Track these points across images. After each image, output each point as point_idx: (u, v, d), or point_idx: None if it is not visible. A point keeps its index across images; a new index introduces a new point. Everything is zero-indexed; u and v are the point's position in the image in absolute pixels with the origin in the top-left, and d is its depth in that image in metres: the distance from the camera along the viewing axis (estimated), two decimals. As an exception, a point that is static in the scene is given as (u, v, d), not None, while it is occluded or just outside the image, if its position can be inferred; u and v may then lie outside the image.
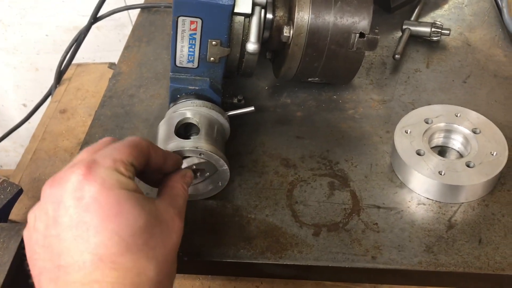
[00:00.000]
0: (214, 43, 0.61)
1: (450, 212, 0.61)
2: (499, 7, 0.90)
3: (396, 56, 0.80)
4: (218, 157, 0.57)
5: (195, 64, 0.63)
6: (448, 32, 0.83)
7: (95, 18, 0.95)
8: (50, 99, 0.99)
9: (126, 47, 0.89)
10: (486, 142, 0.63)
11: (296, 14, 0.64)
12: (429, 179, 0.60)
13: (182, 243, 0.53)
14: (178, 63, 0.63)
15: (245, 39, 0.63)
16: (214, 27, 0.60)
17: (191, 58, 0.63)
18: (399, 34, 0.85)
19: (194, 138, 0.58)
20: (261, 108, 0.75)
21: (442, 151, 0.67)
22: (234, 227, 0.61)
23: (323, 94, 0.77)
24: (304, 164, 0.67)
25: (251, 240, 0.59)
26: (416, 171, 0.61)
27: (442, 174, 0.60)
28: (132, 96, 0.79)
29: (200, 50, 0.62)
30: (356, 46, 0.66)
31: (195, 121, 0.60)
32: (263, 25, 0.64)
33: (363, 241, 0.58)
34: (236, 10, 0.60)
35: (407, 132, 0.65)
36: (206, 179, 0.60)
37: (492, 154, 0.62)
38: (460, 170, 0.60)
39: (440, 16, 0.90)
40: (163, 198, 0.51)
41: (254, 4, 0.61)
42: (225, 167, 0.59)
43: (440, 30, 0.82)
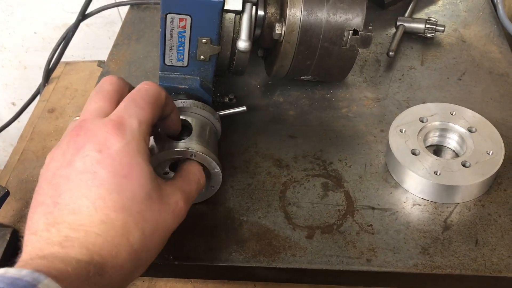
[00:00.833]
0: (204, 41, 0.60)
1: (446, 212, 0.60)
2: (494, 3, 0.89)
3: (390, 53, 0.78)
4: (211, 159, 0.56)
5: (185, 63, 0.62)
6: (442, 28, 0.81)
7: (83, 15, 0.93)
8: (38, 98, 0.98)
9: (115, 45, 0.87)
10: (482, 141, 0.62)
11: (288, 11, 0.63)
12: (424, 179, 0.59)
13: (172, 246, 0.52)
14: (167, 62, 0.62)
15: (236, 37, 0.61)
16: (204, 25, 0.59)
17: (180, 56, 0.61)
18: (393, 30, 0.84)
19: (186, 139, 0.56)
20: (253, 107, 0.73)
21: (437, 150, 0.66)
22: (225, 230, 0.59)
23: (316, 92, 0.76)
24: (297, 164, 0.66)
25: (243, 243, 0.58)
26: (411, 171, 0.60)
27: (438, 174, 0.59)
28: (121, 95, 0.77)
29: (189, 48, 0.60)
30: (350, 44, 0.64)
31: (187, 122, 0.58)
32: (255, 22, 0.63)
33: (357, 243, 0.57)
34: (226, 7, 0.58)
35: (401, 131, 0.64)
36: None
37: (488, 153, 0.61)
38: (455, 170, 0.59)
39: (434, 12, 0.89)
40: (176, 179, 0.52)
41: (245, 0, 0.60)
42: (217, 169, 0.57)
43: (434, 27, 0.81)
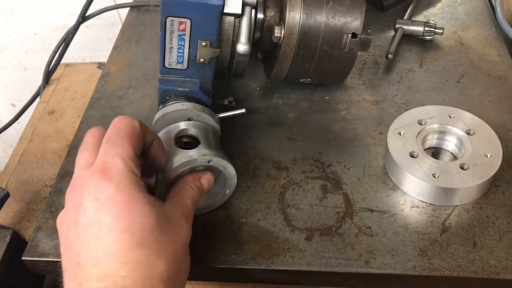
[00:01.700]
0: (203, 44, 0.60)
1: (444, 215, 0.60)
2: (492, 6, 0.89)
3: (389, 55, 0.79)
4: (227, 161, 0.56)
5: (185, 66, 0.62)
6: (441, 31, 0.82)
7: (83, 17, 0.93)
8: (38, 99, 0.98)
9: (115, 47, 0.87)
10: (480, 144, 0.62)
11: (287, 14, 0.63)
12: (422, 182, 0.59)
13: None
14: (167, 65, 0.62)
15: (235, 40, 0.62)
16: (204, 28, 0.59)
17: (180, 59, 0.61)
18: (392, 33, 0.84)
19: (196, 148, 0.56)
20: (252, 109, 0.73)
21: (435, 152, 0.66)
22: (225, 232, 0.59)
23: (315, 94, 0.76)
24: (296, 166, 0.66)
25: (242, 245, 0.58)
26: (410, 174, 0.60)
27: (436, 176, 0.59)
28: (121, 97, 0.77)
29: (189, 51, 0.61)
30: (349, 47, 0.64)
31: (193, 131, 0.58)
32: (254, 25, 0.63)
33: (356, 245, 0.58)
34: (226, 10, 0.59)
35: (400, 134, 0.64)
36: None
37: (486, 156, 0.61)
38: (454, 173, 0.60)
39: (433, 15, 0.89)
40: (171, 198, 0.52)
41: (244, 4, 0.60)
42: (233, 172, 0.57)
43: (433, 29, 0.82)
